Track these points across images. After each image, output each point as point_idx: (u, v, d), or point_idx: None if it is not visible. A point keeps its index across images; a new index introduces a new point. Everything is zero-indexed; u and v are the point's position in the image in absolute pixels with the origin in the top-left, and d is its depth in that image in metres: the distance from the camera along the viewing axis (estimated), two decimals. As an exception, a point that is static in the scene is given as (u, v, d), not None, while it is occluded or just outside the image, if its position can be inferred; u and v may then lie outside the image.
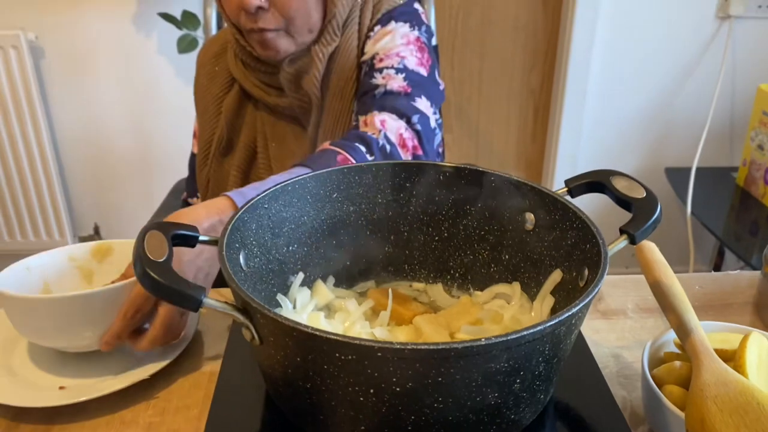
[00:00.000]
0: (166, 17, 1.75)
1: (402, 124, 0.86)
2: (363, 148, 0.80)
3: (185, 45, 1.76)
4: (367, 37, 0.96)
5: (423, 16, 1.00)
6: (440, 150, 1.09)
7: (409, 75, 0.92)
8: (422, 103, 0.90)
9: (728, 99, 2.02)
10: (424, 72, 0.94)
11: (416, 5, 1.01)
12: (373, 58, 0.94)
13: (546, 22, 2.00)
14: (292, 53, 0.93)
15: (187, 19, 1.76)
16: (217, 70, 1.05)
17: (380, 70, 0.92)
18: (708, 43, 1.95)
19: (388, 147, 0.82)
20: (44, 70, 1.91)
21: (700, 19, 1.92)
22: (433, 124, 0.91)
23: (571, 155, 2.09)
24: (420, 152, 0.87)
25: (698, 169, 1.90)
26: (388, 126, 0.85)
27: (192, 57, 1.80)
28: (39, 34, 1.85)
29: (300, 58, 0.94)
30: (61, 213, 2.02)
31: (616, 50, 1.95)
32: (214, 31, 1.44)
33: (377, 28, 0.96)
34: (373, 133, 0.83)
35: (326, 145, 0.81)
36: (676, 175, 1.98)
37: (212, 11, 1.75)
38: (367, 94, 0.92)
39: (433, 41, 1.24)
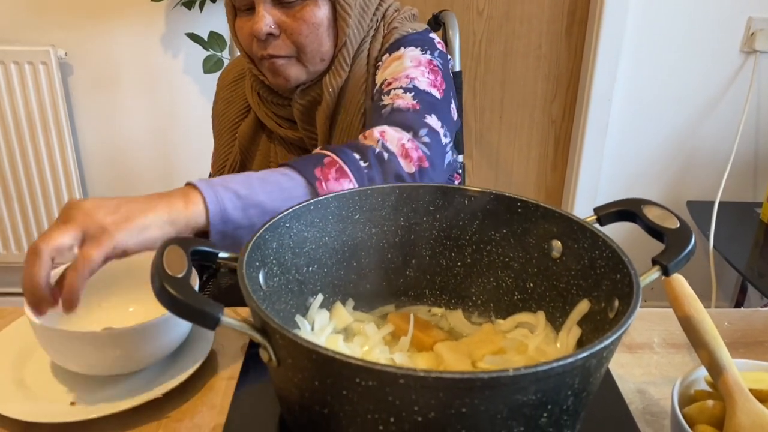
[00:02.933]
0: (193, 38, 1.78)
1: (406, 135, 0.79)
2: (356, 155, 0.74)
3: (211, 65, 1.78)
4: (376, 68, 0.93)
5: (440, 46, 0.95)
6: (457, 178, 1.07)
7: (419, 94, 0.85)
8: (432, 121, 0.83)
9: (753, 134, 1.99)
10: (437, 94, 0.88)
11: (432, 35, 0.97)
12: (381, 84, 0.89)
13: (569, 52, 2.00)
14: (302, 83, 0.92)
15: (214, 40, 1.78)
16: (235, 96, 1.05)
17: (388, 92, 0.86)
18: (733, 77, 1.93)
19: (385, 155, 0.76)
20: (72, 86, 1.94)
21: (725, 53, 1.91)
22: (443, 141, 0.84)
23: (591, 186, 2.07)
24: (426, 164, 0.79)
25: (721, 204, 1.87)
26: (388, 136, 0.78)
27: (217, 77, 1.83)
28: (69, 50, 1.88)
29: (312, 89, 0.93)
30: (80, 227, 2.03)
31: (639, 82, 1.94)
32: (239, 52, 1.46)
33: (386, 56, 0.92)
34: (371, 143, 0.78)
35: (318, 149, 0.77)
36: (699, 209, 1.95)
37: (238, 32, 1.78)
38: (374, 115, 0.87)
39: (457, 66, 1.23)
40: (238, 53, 1.33)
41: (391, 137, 0.78)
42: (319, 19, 0.87)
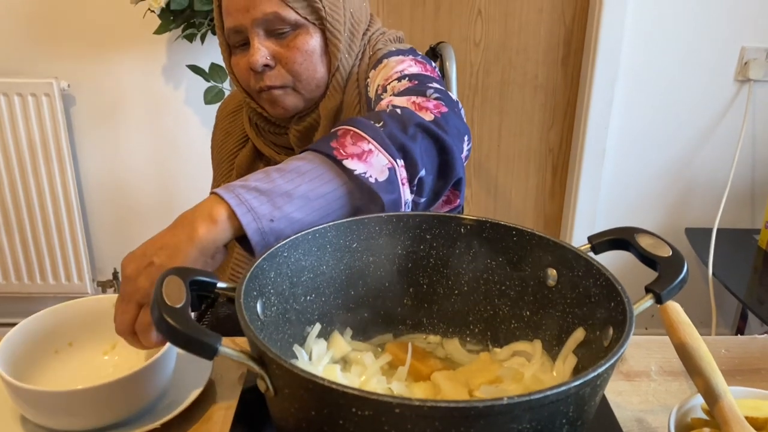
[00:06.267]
0: (195, 69, 1.80)
1: (413, 97, 0.77)
2: (368, 120, 0.71)
3: (212, 96, 1.81)
4: (366, 88, 0.94)
5: (425, 64, 0.94)
6: (456, 200, 1.07)
7: (414, 77, 0.84)
8: (436, 85, 0.82)
9: (749, 161, 2.01)
10: (431, 74, 0.87)
11: (417, 52, 0.97)
12: (376, 92, 0.89)
13: (565, 81, 2.03)
14: (300, 111, 0.94)
15: (215, 72, 1.81)
16: (233, 126, 1.07)
17: (385, 90, 0.86)
18: (728, 105, 1.96)
19: (398, 110, 0.73)
20: (74, 117, 1.96)
21: (720, 82, 1.93)
22: (455, 98, 0.81)
23: (589, 214, 2.08)
24: (444, 109, 0.75)
25: (719, 231, 1.88)
26: (396, 101, 0.77)
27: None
28: (71, 82, 1.91)
29: (308, 115, 0.94)
30: (81, 257, 2.04)
31: (635, 110, 1.97)
32: (237, 89, 1.47)
33: (371, 73, 0.93)
34: (381, 110, 0.76)
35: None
36: (697, 236, 1.96)
37: (239, 64, 1.80)
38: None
39: (454, 97, 1.24)
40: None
41: (399, 101, 0.77)
42: (312, 47, 0.89)
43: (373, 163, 0.66)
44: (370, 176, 0.66)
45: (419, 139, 0.70)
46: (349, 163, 0.66)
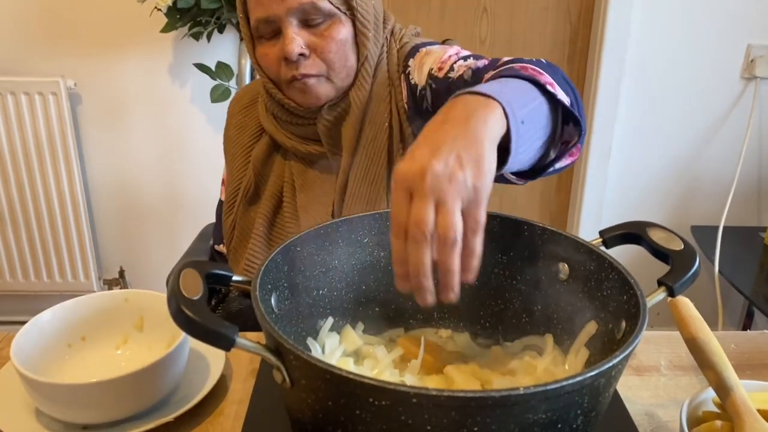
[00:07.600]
0: (201, 68, 1.81)
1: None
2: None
3: (218, 95, 1.81)
4: (400, 79, 0.96)
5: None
6: None
7: (476, 57, 0.86)
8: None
9: (755, 159, 2.01)
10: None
11: None
12: (429, 76, 0.90)
13: (571, 77, 2.02)
14: (331, 99, 0.95)
15: (221, 70, 1.81)
16: (247, 120, 1.08)
17: (451, 69, 0.87)
18: (734, 103, 1.96)
19: (543, 60, 0.73)
20: (81, 115, 1.97)
21: (726, 80, 1.93)
22: None
23: (595, 211, 2.08)
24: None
25: (725, 228, 1.87)
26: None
27: (224, 106, 1.85)
28: (78, 81, 1.92)
29: (338, 104, 0.95)
30: (87, 255, 2.05)
31: (641, 107, 1.97)
32: (247, 81, 1.48)
33: (411, 62, 0.95)
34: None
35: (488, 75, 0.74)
36: (703, 234, 1.95)
37: (246, 62, 1.81)
38: (451, 88, 0.83)
39: None
40: (246, 83, 1.36)
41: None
42: (344, 36, 0.91)
43: (559, 92, 0.66)
44: (563, 98, 0.66)
45: (569, 90, 0.71)
46: (547, 86, 0.64)
